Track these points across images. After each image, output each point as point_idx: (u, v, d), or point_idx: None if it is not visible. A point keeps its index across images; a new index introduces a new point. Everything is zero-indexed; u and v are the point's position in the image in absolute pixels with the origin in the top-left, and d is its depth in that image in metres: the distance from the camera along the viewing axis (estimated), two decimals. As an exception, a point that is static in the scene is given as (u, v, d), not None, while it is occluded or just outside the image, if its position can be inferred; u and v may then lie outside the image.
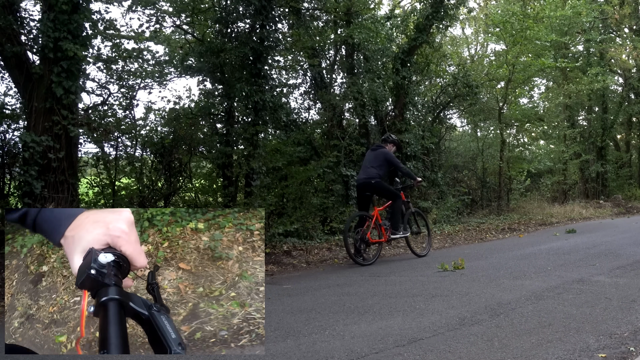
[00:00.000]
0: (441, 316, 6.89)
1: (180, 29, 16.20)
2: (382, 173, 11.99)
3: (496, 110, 24.94)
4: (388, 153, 12.14)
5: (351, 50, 18.74)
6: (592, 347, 5.50)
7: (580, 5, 26.85)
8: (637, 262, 10.98)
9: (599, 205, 29.18)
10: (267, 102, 14.95)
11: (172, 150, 14.43)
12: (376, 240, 11.99)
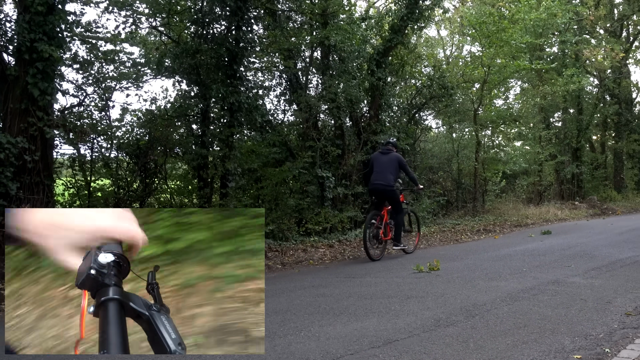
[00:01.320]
0: (416, 317, 6.99)
1: (156, 30, 16.34)
2: (396, 178, 12.88)
3: (471, 111, 25.28)
4: (401, 158, 13.07)
5: (326, 52, 18.94)
6: (568, 348, 5.63)
7: (555, 7, 27.07)
8: (613, 264, 11.20)
9: (574, 207, 29.66)
10: (243, 104, 15.20)
11: (148, 151, 14.68)
12: (387, 238, 13.08)
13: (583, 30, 34.86)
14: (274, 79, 19.37)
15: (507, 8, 25.98)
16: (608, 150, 41.43)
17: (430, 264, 11.10)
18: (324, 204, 16.98)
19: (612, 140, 40.80)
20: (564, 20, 29.01)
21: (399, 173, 13.07)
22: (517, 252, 13.44)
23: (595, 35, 36.82)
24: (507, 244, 15.67)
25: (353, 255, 13.98)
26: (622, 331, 6.25)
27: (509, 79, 27.74)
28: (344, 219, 17.07)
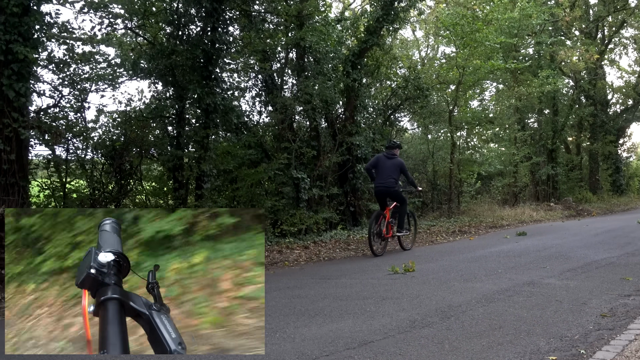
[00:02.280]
0: (392, 319, 7.07)
1: (132, 31, 16.44)
2: (397, 181, 14.12)
3: (447, 112, 25.55)
4: (403, 164, 14.35)
5: (302, 53, 19.22)
6: (543, 349, 5.70)
7: (530, 8, 27.30)
8: (588, 265, 11.35)
9: (549, 208, 29.92)
10: (218, 105, 15.54)
11: (123, 153, 14.93)
12: (386, 236, 14.02)
13: (558, 31, 35.22)
14: (249, 80, 19.60)
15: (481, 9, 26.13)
16: (583, 152, 41.92)
17: (406, 265, 11.16)
18: (299, 205, 17.27)
19: (588, 141, 41.28)
20: (539, 21, 29.28)
21: (399, 175, 14.19)
22: (493, 254, 13.54)
23: (571, 37, 37.25)
24: (483, 245, 15.76)
25: (328, 257, 14.21)
26: (597, 332, 6.34)
27: (484, 80, 28.05)
28: (319, 220, 17.33)
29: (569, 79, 38.35)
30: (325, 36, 18.55)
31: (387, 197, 14.26)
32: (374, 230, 13.77)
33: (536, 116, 37.33)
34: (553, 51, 32.75)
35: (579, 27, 38.71)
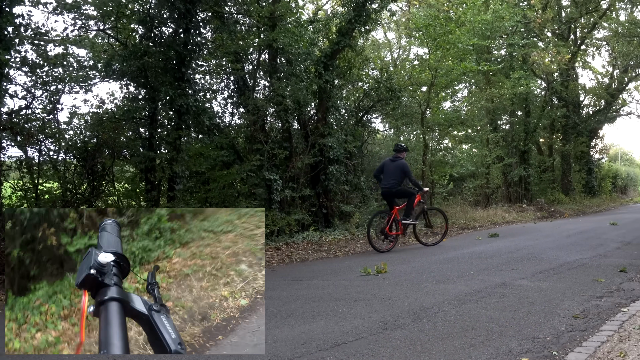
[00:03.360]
0: (364, 320, 7.19)
1: (104, 33, 16.54)
2: (400, 182, 15.39)
3: (419, 114, 25.85)
4: (405, 166, 15.59)
5: (274, 54, 19.44)
6: (515, 351, 5.82)
7: (503, 10, 27.52)
8: (560, 266, 11.57)
9: (521, 209, 30.33)
10: (191, 106, 15.75)
11: (96, 154, 15.11)
12: (394, 233, 15.24)
13: (531, 33, 35.55)
14: (221, 81, 19.84)
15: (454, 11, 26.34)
16: (555, 153, 42.40)
17: (378, 266, 11.31)
18: (272, 206, 17.47)
19: (560, 143, 41.73)
20: (512, 23, 29.50)
21: (403, 177, 15.49)
22: (465, 255, 13.73)
23: (543, 38, 37.57)
24: (455, 246, 15.92)
25: (301, 258, 14.45)
26: (569, 334, 6.48)
27: (456, 81, 28.28)
28: (291, 221, 17.57)
29: (542, 81, 38.60)
30: (297, 37, 18.73)
31: (394, 197, 15.62)
32: (376, 227, 15.26)
33: (508, 118, 37.58)
34: (525, 53, 33.06)
35: (551, 29, 39.12)
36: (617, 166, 61.61)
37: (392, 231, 15.24)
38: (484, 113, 33.55)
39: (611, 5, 38.71)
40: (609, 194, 48.80)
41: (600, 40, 44.09)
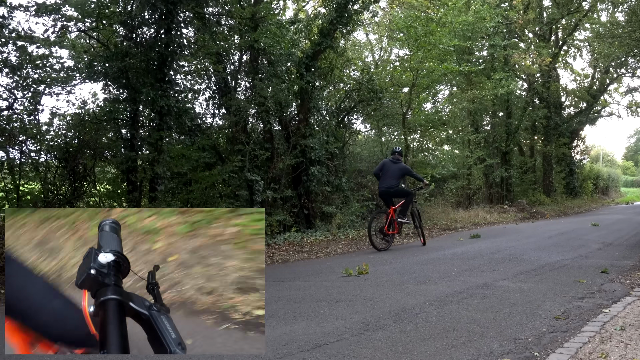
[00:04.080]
0: (345, 321, 7.25)
1: (85, 34, 16.58)
2: (399, 183, 16.14)
3: (400, 115, 26.01)
4: (406, 168, 16.58)
5: (256, 55, 19.57)
6: (497, 352, 5.85)
7: (484, 11, 27.67)
8: (541, 267, 11.70)
9: (503, 210, 30.56)
10: (172, 107, 15.89)
11: (77, 155, 15.21)
12: (391, 232, 15.97)
13: (512, 34, 35.72)
14: (203, 82, 19.88)
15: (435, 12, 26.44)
16: (537, 154, 42.78)
17: (359, 267, 11.41)
18: (253, 207, 17.33)
19: (541, 144, 41.96)
20: (493, 24, 29.64)
21: (402, 177, 16.32)
22: (446, 256, 13.86)
23: (525, 39, 37.78)
24: (436, 247, 16.07)
25: (282, 259, 14.57)
26: (551, 335, 6.52)
27: (437, 82, 28.44)
28: (273, 222, 17.70)
29: (523, 82, 38.81)
30: (279, 38, 18.91)
31: (392, 197, 16.21)
32: (375, 226, 15.79)
33: (490, 119, 37.77)
34: (506, 54, 33.18)
35: (532, 30, 39.42)
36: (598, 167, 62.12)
37: (389, 230, 15.93)
38: (465, 114, 33.79)
39: (592, 6, 39.02)
40: (591, 195, 49.16)
41: (581, 41, 44.49)
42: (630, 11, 30.07)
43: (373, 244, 15.53)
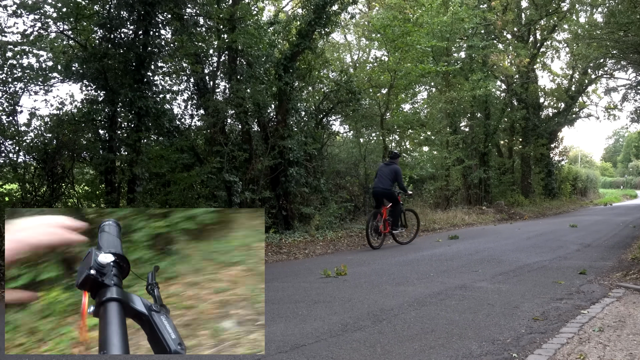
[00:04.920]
0: (324, 322, 7.33)
1: (64, 34, 16.60)
2: (392, 184, 17.18)
3: (378, 116, 26.28)
4: (398, 170, 17.46)
5: (234, 56, 19.73)
6: (475, 353, 5.92)
7: (462, 12, 27.89)
8: (520, 268, 11.88)
9: (481, 212, 30.99)
10: (151, 108, 16.08)
11: (55, 156, 15.29)
12: (383, 231, 16.92)
13: (490, 34, 35.91)
14: (181, 83, 20.02)
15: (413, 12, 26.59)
16: (515, 155, 43.11)
17: (338, 268, 11.55)
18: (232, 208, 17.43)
19: (520, 145, 42.26)
20: (471, 25, 29.84)
21: (394, 180, 17.22)
22: (425, 257, 13.99)
23: (503, 40, 37.98)
24: (415, 248, 16.23)
25: (261, 260, 14.51)
26: (529, 336, 6.62)
27: (415, 83, 28.64)
28: (251, 223, 17.54)
29: (502, 83, 39.03)
30: (257, 39, 19.06)
31: (383, 198, 17.25)
32: (371, 226, 16.65)
33: (468, 120, 38.03)
34: (485, 55, 33.39)
35: (511, 31, 39.63)
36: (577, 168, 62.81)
37: (383, 230, 17.01)
38: (443, 115, 34.06)
39: (571, 8, 39.36)
40: (569, 196, 49.67)
41: (559, 43, 44.83)
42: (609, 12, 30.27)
43: (369, 242, 16.49)
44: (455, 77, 32.16)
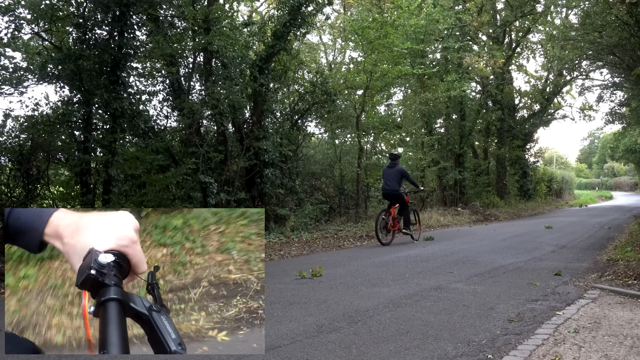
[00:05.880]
0: (299, 324, 7.28)
1: (38, 35, 16.65)
2: (399, 184, 18.04)
3: (354, 117, 26.62)
4: (403, 170, 18.36)
5: (209, 58, 20.04)
6: (450, 354, 5.90)
7: (437, 13, 28.09)
8: (495, 270, 11.86)
9: (456, 213, 31.22)
10: (126, 110, 16.32)
11: (31, 157, 15.36)
12: (392, 228, 17.86)
13: (466, 36, 36.13)
14: (157, 84, 20.26)
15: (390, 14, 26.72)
16: (491, 157, 43.49)
17: (313, 270, 11.50)
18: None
19: (495, 146, 42.60)
20: (446, 26, 30.07)
21: (402, 180, 18.16)
22: (400, 258, 13.89)
23: (478, 41, 38.28)
24: (390, 250, 16.11)
25: (236, 261, 14.60)
26: (504, 337, 6.59)
27: (391, 85, 28.86)
28: (226, 225, 17.67)
29: (477, 84, 39.29)
30: (232, 41, 19.36)
31: (392, 198, 18.09)
32: (380, 223, 17.56)
33: (443, 121, 38.32)
34: (460, 56, 33.64)
35: (486, 32, 39.91)
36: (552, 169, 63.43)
37: (392, 227, 17.84)
38: (418, 116, 34.40)
39: (546, 9, 39.69)
40: (544, 198, 50.07)
41: (535, 44, 45.20)
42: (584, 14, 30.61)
43: (379, 239, 17.37)
44: (430, 78, 32.42)
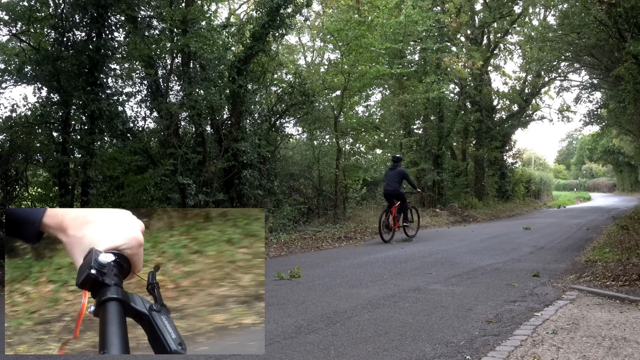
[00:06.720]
0: (277, 325, 7.40)
1: (16, 37, 16.71)
2: (399, 185, 19.42)
3: (332, 118, 26.80)
4: (404, 172, 19.73)
5: (187, 59, 20.27)
6: (429, 355, 6.00)
7: (416, 14, 28.26)
8: (473, 271, 12.06)
9: (435, 214, 31.52)
10: (104, 111, 16.47)
11: (9, 158, 15.43)
12: (393, 226, 19.18)
13: (444, 37, 36.34)
14: (135, 85, 20.41)
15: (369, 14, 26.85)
16: (469, 158, 43.87)
17: (291, 271, 11.69)
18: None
19: (473, 147, 42.93)
20: (425, 27, 30.27)
21: (401, 181, 19.46)
22: (378, 260, 14.09)
23: (457, 42, 38.48)
24: (368, 251, 16.43)
25: (214, 262, 14.72)
26: (483, 338, 6.70)
27: (369, 86, 29.13)
28: (205, 226, 17.76)
29: (455, 85, 39.50)
30: (210, 42, 19.57)
31: (393, 198, 19.35)
32: (383, 222, 18.88)
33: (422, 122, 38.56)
34: (438, 57, 33.82)
35: (464, 33, 40.17)
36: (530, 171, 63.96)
37: (394, 225, 19.18)
38: (396, 117, 34.62)
39: (524, 10, 40.00)
40: (523, 199, 50.43)
41: (513, 45, 45.48)
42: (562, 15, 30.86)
43: (382, 237, 18.71)
44: (408, 79, 32.64)
